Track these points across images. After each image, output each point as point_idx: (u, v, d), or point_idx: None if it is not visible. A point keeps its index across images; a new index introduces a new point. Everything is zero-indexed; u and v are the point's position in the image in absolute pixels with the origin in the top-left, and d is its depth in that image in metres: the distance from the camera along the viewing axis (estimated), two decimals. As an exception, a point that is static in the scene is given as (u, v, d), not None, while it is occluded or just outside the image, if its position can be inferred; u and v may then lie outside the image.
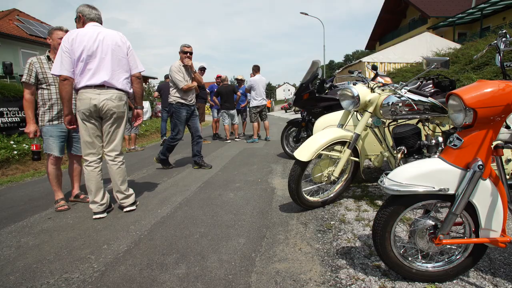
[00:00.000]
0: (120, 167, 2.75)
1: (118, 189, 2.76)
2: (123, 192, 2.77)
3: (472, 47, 9.27)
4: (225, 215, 2.59)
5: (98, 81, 2.51)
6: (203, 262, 1.83)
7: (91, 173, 2.63)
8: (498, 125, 1.30)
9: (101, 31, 2.57)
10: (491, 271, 1.57)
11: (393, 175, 1.39)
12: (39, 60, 2.81)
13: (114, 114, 2.62)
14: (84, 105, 2.51)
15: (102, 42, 2.54)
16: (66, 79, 2.47)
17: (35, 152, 2.92)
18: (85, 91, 2.51)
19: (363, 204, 2.65)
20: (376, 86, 2.42)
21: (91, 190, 2.64)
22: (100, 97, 2.53)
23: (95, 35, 2.52)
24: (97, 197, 2.65)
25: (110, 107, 2.57)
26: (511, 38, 1.51)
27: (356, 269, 1.66)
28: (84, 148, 2.64)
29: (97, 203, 2.65)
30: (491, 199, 1.33)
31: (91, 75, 2.50)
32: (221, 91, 7.39)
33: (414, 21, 23.86)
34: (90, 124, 2.58)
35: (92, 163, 2.64)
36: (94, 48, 2.50)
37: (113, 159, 2.71)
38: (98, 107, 2.53)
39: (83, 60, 2.47)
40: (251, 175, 3.99)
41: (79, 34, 2.48)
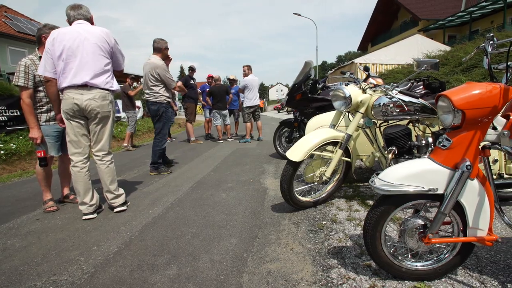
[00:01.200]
0: (109, 166, 2.72)
1: (108, 189, 2.73)
2: (112, 192, 2.74)
3: (462, 49, 9.44)
4: (217, 215, 2.58)
5: (80, 81, 2.47)
6: (194, 262, 1.82)
7: (78, 174, 2.60)
8: (486, 126, 1.32)
9: (83, 29, 2.51)
10: (478, 269, 1.60)
11: (383, 175, 1.40)
12: (32, 62, 2.73)
13: (98, 114, 2.57)
14: (67, 105, 2.49)
15: (84, 41, 2.48)
16: (49, 80, 2.49)
17: (41, 158, 2.77)
18: (69, 91, 2.48)
19: (354, 204, 2.67)
20: (368, 87, 2.44)
21: (79, 191, 2.60)
22: (83, 97, 2.49)
23: (76, 34, 2.47)
24: (86, 198, 2.61)
25: (93, 107, 2.53)
26: (498, 42, 1.54)
27: (347, 269, 1.67)
28: (70, 148, 2.61)
29: (86, 204, 2.61)
30: (479, 198, 1.36)
31: (73, 74, 2.46)
32: (214, 91, 7.36)
33: (406, 23, 24.19)
34: (75, 123, 2.55)
35: (78, 163, 2.60)
36: (75, 47, 2.45)
37: (101, 159, 2.69)
38: (81, 107, 2.50)
39: (64, 59, 2.44)
40: (243, 175, 3.98)
41: (60, 33, 2.46)
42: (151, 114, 4.21)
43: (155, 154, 4.22)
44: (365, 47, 29.44)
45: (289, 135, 4.75)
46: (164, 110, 4.18)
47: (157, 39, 4.20)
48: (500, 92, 1.26)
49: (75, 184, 2.60)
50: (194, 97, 7.45)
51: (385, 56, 16.42)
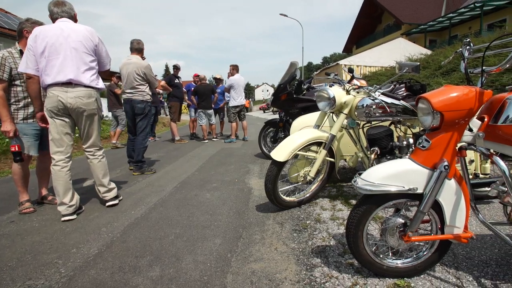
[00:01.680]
0: (101, 160, 2.77)
1: (100, 183, 2.77)
2: (105, 185, 2.79)
3: (441, 53, 9.75)
4: (201, 215, 2.55)
5: (64, 79, 2.44)
6: (178, 263, 1.79)
7: (59, 173, 2.53)
8: (462, 128, 1.37)
9: (67, 27, 2.49)
10: (454, 265, 1.65)
11: (366, 175, 1.43)
12: (11, 54, 2.62)
13: (84, 112, 2.56)
14: (52, 103, 2.45)
15: (67, 38, 2.45)
16: (31, 77, 2.44)
17: (16, 153, 2.65)
18: (53, 89, 2.45)
19: (338, 203, 2.71)
20: (352, 89, 2.48)
21: (58, 191, 2.53)
22: (67, 94, 2.47)
23: (59, 31, 2.45)
24: (65, 198, 2.54)
25: (79, 104, 2.51)
26: (475, 47, 1.60)
27: (330, 267, 1.69)
28: (52, 146, 2.55)
29: (65, 205, 2.54)
30: (455, 197, 1.40)
31: (56, 72, 2.43)
32: (199, 90, 7.29)
33: (389, 27, 24.77)
34: (59, 121, 2.51)
35: (59, 162, 2.55)
36: (58, 44, 2.42)
37: (93, 154, 2.74)
38: (66, 105, 2.47)
39: (46, 56, 2.41)
40: (228, 175, 3.96)
41: (43, 31, 2.42)
42: (137, 112, 4.17)
43: (139, 152, 4.18)
44: (350, 49, 29.95)
45: (274, 135, 4.76)
46: (149, 109, 4.27)
47: (137, 40, 4.26)
48: (476, 95, 1.31)
49: (55, 183, 2.53)
50: (179, 96, 7.36)
51: (369, 59, 16.77)
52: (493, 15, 16.46)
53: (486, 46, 1.40)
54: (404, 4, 23.83)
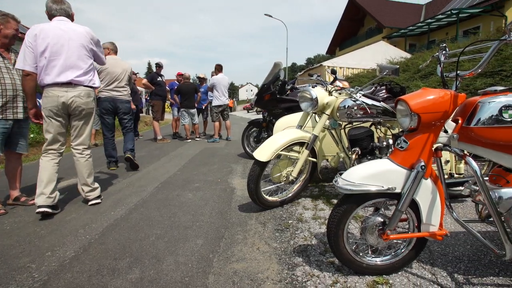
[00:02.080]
0: (88, 160, 2.79)
1: (85, 182, 2.77)
2: (89, 185, 2.80)
3: (420, 57, 10.06)
4: (183, 216, 2.52)
5: (65, 79, 2.51)
6: (158, 265, 1.76)
7: (46, 163, 2.57)
8: (438, 129, 1.42)
9: (67, 28, 2.55)
10: (430, 262, 1.71)
11: (346, 175, 1.45)
12: None
13: (83, 111, 2.66)
14: (52, 103, 2.51)
15: (69, 41, 2.53)
16: (29, 74, 2.44)
17: None
18: (52, 89, 2.50)
19: (320, 203, 2.74)
20: (334, 90, 2.52)
21: (42, 180, 2.50)
22: (68, 94, 2.54)
23: (60, 32, 2.50)
24: (46, 188, 2.49)
25: (79, 104, 2.60)
26: (450, 52, 1.66)
27: (311, 266, 1.71)
28: (46, 144, 2.61)
29: (44, 195, 2.48)
30: (431, 196, 1.45)
31: (57, 72, 2.49)
32: (182, 89, 7.19)
33: (371, 30, 25.33)
34: (56, 121, 2.58)
35: (50, 155, 2.61)
36: (59, 46, 2.48)
37: (81, 152, 2.75)
38: (66, 104, 2.55)
39: (47, 57, 2.45)
40: (211, 175, 3.93)
41: (43, 30, 2.44)
42: (125, 111, 4.31)
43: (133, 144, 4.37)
44: (333, 51, 30.41)
45: (257, 135, 4.77)
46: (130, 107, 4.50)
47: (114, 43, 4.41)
48: (451, 98, 1.36)
49: (41, 173, 2.53)
50: (162, 95, 7.23)
51: (352, 61, 17.11)
52: (468, 22, 17.17)
53: (460, 51, 1.46)
54: (386, 8, 24.48)
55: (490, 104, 1.35)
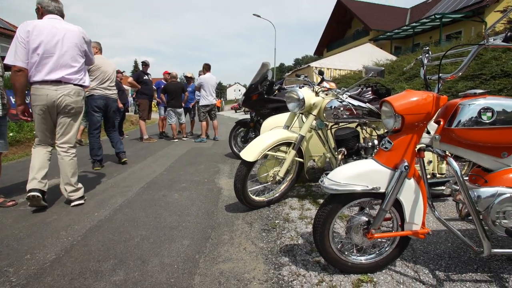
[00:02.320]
0: (73, 159, 2.76)
1: (68, 181, 2.71)
2: (73, 184, 2.74)
3: (405, 60, 10.29)
4: (169, 216, 2.49)
5: (55, 77, 2.52)
6: (143, 266, 1.73)
7: (39, 151, 2.63)
8: (421, 131, 1.45)
9: (61, 26, 2.57)
10: (413, 260, 1.75)
11: (332, 175, 1.47)
12: None
13: (72, 109, 2.67)
14: (41, 101, 2.51)
15: (63, 39, 2.55)
16: (21, 70, 2.41)
17: None
18: (41, 87, 2.50)
19: (306, 203, 2.76)
20: (321, 90, 2.54)
21: (34, 166, 2.57)
22: (57, 92, 2.54)
23: (54, 30, 2.51)
24: (38, 173, 2.56)
25: (68, 102, 2.61)
26: (433, 55, 1.70)
27: (298, 266, 1.72)
28: (38, 140, 2.66)
29: (36, 180, 2.54)
30: (414, 196, 1.49)
31: (48, 70, 2.49)
32: (169, 88, 7.10)
33: (358, 32, 25.70)
34: (44, 120, 2.59)
35: (41, 146, 2.67)
36: (53, 43, 2.49)
37: (66, 151, 2.73)
38: (56, 103, 2.55)
39: (40, 54, 2.45)
40: (197, 175, 3.90)
41: (37, 27, 2.44)
42: (114, 110, 4.47)
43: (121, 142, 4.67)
44: (321, 52, 30.70)
45: (245, 135, 4.76)
46: None
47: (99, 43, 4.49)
48: (433, 100, 1.39)
49: (34, 159, 2.60)
50: (148, 94, 7.12)
51: (339, 62, 17.32)
52: (451, 27, 17.66)
53: (442, 55, 1.50)
54: (373, 11, 24.93)
55: (470, 107, 1.39)
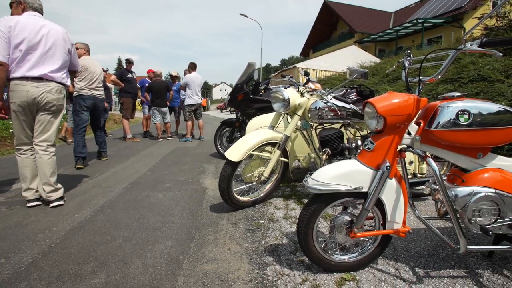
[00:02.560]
0: (52, 158, 2.71)
1: (47, 181, 2.65)
2: (52, 184, 2.67)
3: (389, 62, 10.53)
4: (153, 217, 2.45)
5: (37, 74, 2.50)
6: (125, 268, 1.70)
7: (26, 160, 2.61)
8: (402, 131, 1.49)
9: (45, 24, 2.56)
10: (394, 258, 1.79)
11: (316, 175, 1.48)
12: None
13: (53, 107, 2.64)
14: (21, 98, 2.46)
15: (46, 36, 2.54)
16: (1, 64, 2.35)
17: None
18: (21, 83, 2.45)
19: (291, 202, 2.78)
20: (306, 91, 2.56)
21: (26, 177, 2.60)
22: (38, 89, 2.51)
23: (38, 27, 2.50)
24: (32, 183, 2.63)
25: (50, 99, 2.59)
26: (414, 58, 1.75)
27: (282, 265, 1.73)
28: (17, 139, 2.60)
29: (32, 190, 2.63)
30: (396, 195, 1.52)
31: (30, 66, 2.47)
32: (153, 86, 6.99)
33: (344, 34, 26.10)
34: (23, 117, 2.54)
35: (26, 151, 2.62)
36: (37, 40, 2.48)
37: (45, 149, 2.66)
38: (36, 100, 2.52)
39: (22, 50, 2.42)
40: (182, 175, 3.86)
41: (20, 23, 2.42)
42: (101, 109, 4.65)
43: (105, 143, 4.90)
44: (307, 53, 30.99)
45: (230, 135, 4.75)
46: None
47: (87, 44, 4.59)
48: (414, 102, 1.43)
49: (22, 170, 2.60)
50: (132, 92, 6.99)
51: (325, 63, 17.52)
52: (432, 31, 18.20)
53: (423, 58, 1.54)
54: (358, 14, 25.41)
55: (448, 109, 1.44)
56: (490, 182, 1.45)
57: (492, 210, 1.44)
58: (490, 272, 1.61)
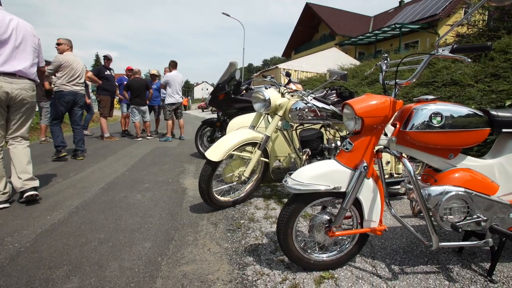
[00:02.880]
0: (27, 148, 2.73)
1: (24, 170, 2.62)
2: (29, 172, 2.65)
3: (368, 65, 10.81)
4: (130, 218, 2.39)
5: (11, 69, 2.46)
6: (100, 271, 1.64)
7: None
8: (379, 132, 1.53)
9: (12, 18, 2.52)
10: (371, 255, 1.83)
11: (295, 175, 1.50)
12: None
13: (27, 104, 2.64)
14: None
15: (16, 29, 2.51)
16: None
17: None
18: None
19: (271, 202, 2.79)
20: (286, 92, 2.58)
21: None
22: (12, 86, 2.48)
23: (6, 21, 2.46)
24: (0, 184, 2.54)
25: (24, 96, 2.58)
26: (391, 61, 1.80)
27: (262, 265, 1.73)
28: None
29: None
30: (373, 195, 1.56)
31: (2, 61, 2.43)
32: (132, 84, 6.82)
33: (325, 36, 26.53)
34: None
35: None
36: (7, 35, 2.44)
37: (19, 141, 2.68)
38: (10, 96, 2.48)
39: None
40: (161, 175, 3.79)
41: None
42: (82, 105, 4.66)
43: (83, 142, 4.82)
44: (289, 54, 31.26)
45: (211, 134, 4.71)
46: None
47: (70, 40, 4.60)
48: (390, 104, 1.47)
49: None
50: (110, 90, 6.78)
51: (306, 64, 17.71)
52: (409, 36, 18.87)
53: (399, 62, 1.59)
54: (339, 17, 25.92)
55: (423, 111, 1.49)
56: (460, 182, 1.52)
57: (461, 208, 1.50)
58: (460, 267, 1.69)
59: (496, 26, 6.02)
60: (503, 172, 1.57)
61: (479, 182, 1.53)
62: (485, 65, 4.66)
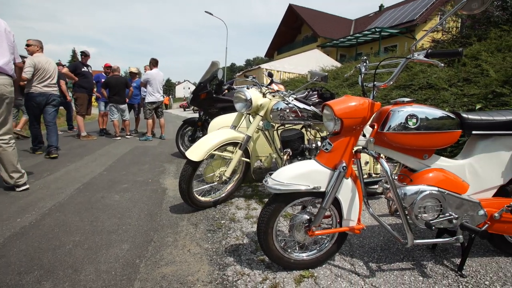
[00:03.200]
0: (14, 147, 2.86)
1: (15, 169, 2.84)
2: (19, 170, 2.88)
3: (348, 67, 11.06)
4: (108, 219, 2.32)
5: None
6: (75, 275, 1.59)
7: None
8: (358, 134, 1.56)
9: None
10: (350, 254, 1.87)
11: (275, 175, 1.50)
12: None
13: (7, 99, 2.70)
14: None
15: None
16: None
17: None
18: None
19: (252, 202, 2.79)
20: (268, 92, 2.59)
21: None
22: None
23: None
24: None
25: (4, 92, 2.64)
26: (370, 64, 1.85)
27: (242, 265, 1.73)
28: None
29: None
30: (351, 194, 1.59)
31: None
32: (110, 82, 6.63)
33: (307, 38, 26.84)
34: None
35: None
36: None
37: (7, 142, 2.79)
38: None
39: None
40: (141, 175, 3.70)
41: None
42: (56, 104, 4.58)
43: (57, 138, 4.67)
44: (272, 55, 31.41)
45: (192, 134, 4.65)
46: None
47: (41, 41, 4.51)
48: (369, 105, 1.51)
49: None
50: (87, 87, 6.56)
51: (288, 65, 17.85)
52: (389, 40, 19.46)
53: (377, 65, 1.64)
54: (321, 19, 26.32)
55: (399, 113, 1.54)
56: (433, 181, 1.58)
57: (435, 207, 1.56)
58: (433, 263, 1.76)
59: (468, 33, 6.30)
60: (473, 172, 1.65)
61: (451, 182, 1.60)
62: (458, 70, 4.87)
